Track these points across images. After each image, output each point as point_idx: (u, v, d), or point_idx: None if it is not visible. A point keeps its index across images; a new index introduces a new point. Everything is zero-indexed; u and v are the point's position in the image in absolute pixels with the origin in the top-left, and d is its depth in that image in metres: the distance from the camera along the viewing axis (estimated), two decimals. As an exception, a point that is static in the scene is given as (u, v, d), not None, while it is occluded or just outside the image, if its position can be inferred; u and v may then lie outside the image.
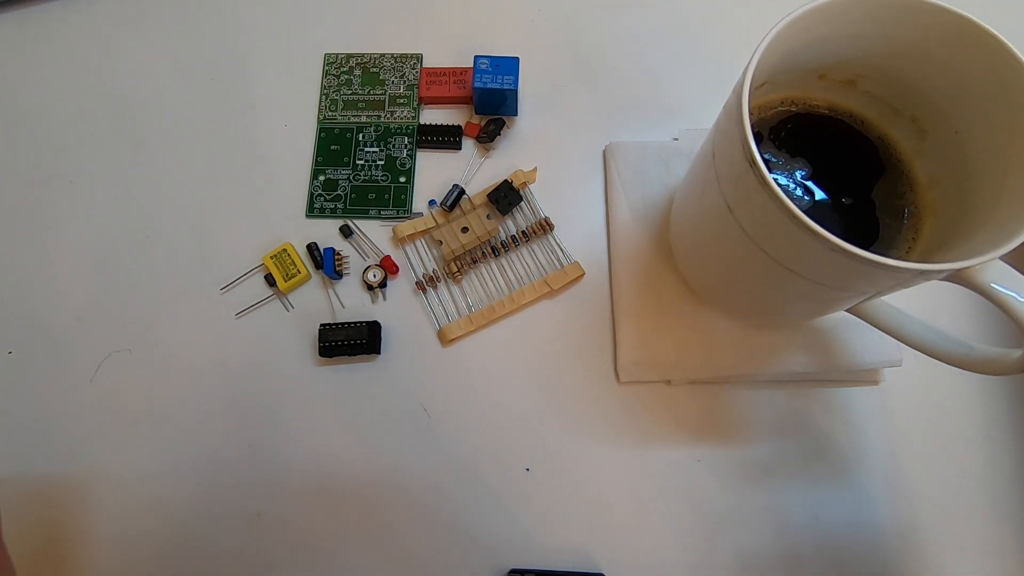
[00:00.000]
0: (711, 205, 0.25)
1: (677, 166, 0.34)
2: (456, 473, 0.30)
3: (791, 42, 0.23)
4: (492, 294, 0.33)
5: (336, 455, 0.31)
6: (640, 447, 0.31)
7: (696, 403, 0.31)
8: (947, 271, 0.20)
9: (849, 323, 0.29)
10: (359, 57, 0.37)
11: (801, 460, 0.31)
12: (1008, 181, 0.23)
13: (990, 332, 0.32)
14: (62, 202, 0.35)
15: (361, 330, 0.31)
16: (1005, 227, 0.21)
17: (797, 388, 0.32)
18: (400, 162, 0.35)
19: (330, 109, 0.36)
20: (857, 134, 0.28)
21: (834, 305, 0.27)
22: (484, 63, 0.34)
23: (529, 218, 0.34)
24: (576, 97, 0.37)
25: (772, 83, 0.27)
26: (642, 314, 0.31)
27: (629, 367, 0.31)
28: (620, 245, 0.33)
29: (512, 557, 0.29)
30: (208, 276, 0.33)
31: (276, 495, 0.30)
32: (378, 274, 0.33)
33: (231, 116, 0.36)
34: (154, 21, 0.39)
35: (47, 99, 0.37)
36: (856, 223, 0.27)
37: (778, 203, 0.20)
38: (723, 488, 0.30)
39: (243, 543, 0.29)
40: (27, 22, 0.38)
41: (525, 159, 0.35)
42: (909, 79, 0.26)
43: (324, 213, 0.34)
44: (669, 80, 0.37)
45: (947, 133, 0.26)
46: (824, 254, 0.20)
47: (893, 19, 0.23)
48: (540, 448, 0.31)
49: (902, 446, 0.31)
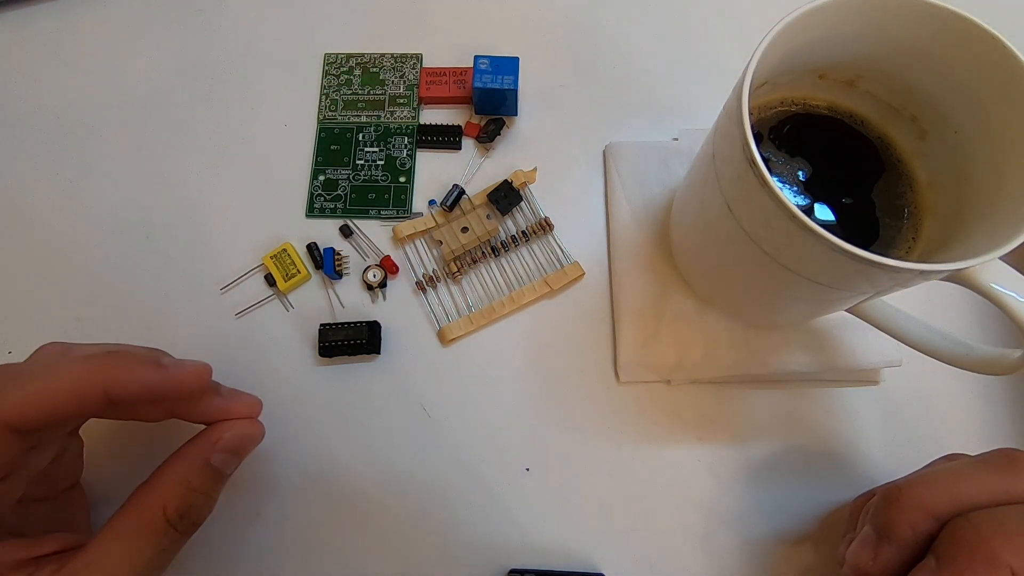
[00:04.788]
0: (711, 205, 0.25)
1: (677, 166, 0.34)
2: (456, 473, 0.30)
3: (791, 42, 0.23)
4: (492, 294, 0.33)
5: (336, 455, 0.31)
6: (640, 447, 0.31)
7: (696, 403, 0.31)
8: (947, 271, 0.20)
9: (849, 323, 0.29)
10: (359, 57, 0.37)
11: (801, 460, 0.31)
12: (1008, 181, 0.23)
13: (990, 332, 0.32)
14: (62, 202, 0.35)
15: (361, 330, 0.31)
16: (1005, 227, 0.21)
17: (797, 388, 0.32)
18: (400, 162, 0.35)
19: (330, 109, 0.36)
20: (857, 134, 0.28)
21: (834, 305, 0.27)
22: (484, 63, 0.34)
23: (529, 218, 0.34)
24: (576, 97, 0.37)
25: (772, 83, 0.27)
26: (642, 314, 0.31)
27: (629, 367, 0.31)
28: (620, 245, 0.33)
29: (512, 557, 0.29)
30: (208, 276, 0.33)
31: (276, 495, 0.30)
32: (378, 274, 0.33)
33: (231, 116, 0.36)
34: (154, 21, 0.38)
35: (47, 99, 0.37)
36: (856, 223, 0.27)
37: (778, 203, 0.20)
38: (723, 488, 0.30)
39: (243, 543, 0.29)
40: (27, 22, 0.38)
41: (525, 159, 0.35)
42: (909, 79, 0.26)
43: (324, 213, 0.34)
44: (669, 80, 0.37)
45: (947, 133, 0.26)
46: (824, 254, 0.20)
47: (893, 19, 0.23)
48: (540, 448, 0.31)
49: (902, 446, 0.31)
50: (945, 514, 0.20)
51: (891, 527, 0.21)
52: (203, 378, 0.24)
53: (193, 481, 0.23)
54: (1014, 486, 0.20)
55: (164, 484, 0.23)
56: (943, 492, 0.21)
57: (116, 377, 0.21)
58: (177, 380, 0.23)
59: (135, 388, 0.22)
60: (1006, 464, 0.21)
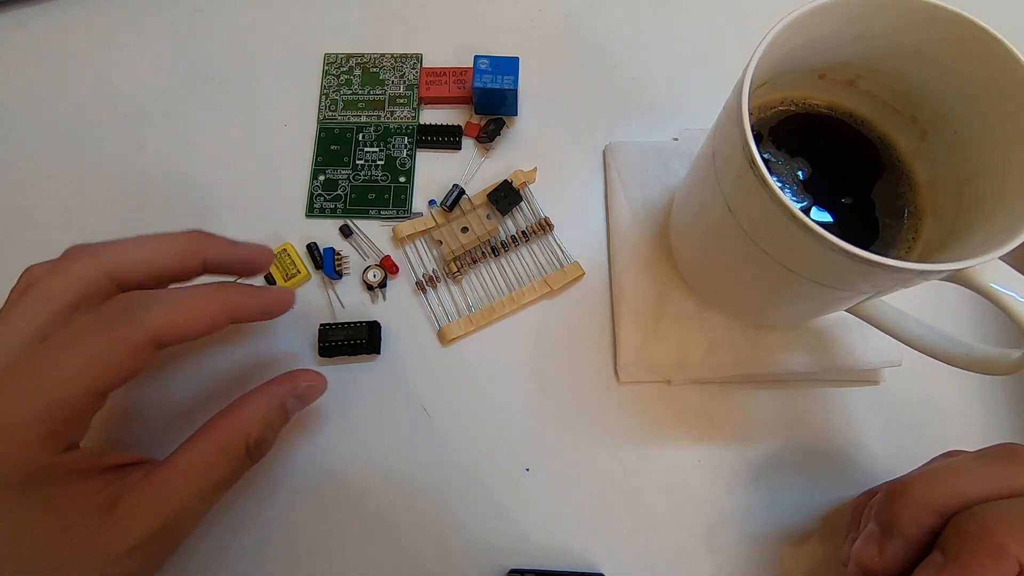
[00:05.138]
0: (711, 205, 0.25)
1: (677, 166, 0.34)
2: (456, 473, 0.30)
3: (791, 42, 0.23)
4: (492, 294, 0.33)
5: (335, 455, 0.31)
6: (640, 447, 0.31)
7: (696, 403, 0.31)
8: (947, 271, 0.20)
9: (849, 323, 0.29)
10: (359, 57, 0.37)
11: (801, 460, 0.31)
12: (1008, 181, 0.23)
13: (990, 332, 0.32)
14: (62, 202, 0.35)
15: (361, 330, 0.31)
16: (1005, 227, 0.21)
17: (797, 388, 0.32)
18: (400, 162, 0.35)
19: (330, 109, 0.36)
20: (857, 134, 0.28)
21: (834, 305, 0.27)
22: (484, 63, 0.34)
23: (529, 218, 0.34)
24: (576, 97, 0.37)
25: (772, 83, 0.27)
26: (642, 314, 0.31)
27: (629, 367, 0.31)
28: (620, 245, 0.33)
29: (512, 557, 0.29)
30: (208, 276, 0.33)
31: (276, 494, 0.30)
32: (378, 274, 0.33)
33: (231, 116, 0.36)
34: (154, 21, 0.39)
35: (47, 99, 0.37)
36: (856, 223, 0.27)
37: (778, 203, 0.20)
38: (723, 488, 0.30)
39: (242, 543, 0.29)
40: (27, 22, 0.38)
41: (525, 159, 0.35)
42: (909, 79, 0.26)
43: (324, 213, 0.34)
44: (669, 80, 0.37)
45: (947, 133, 0.26)
46: (824, 254, 0.20)
47: (893, 19, 0.23)
48: (540, 448, 0.31)
49: (902, 446, 0.31)
50: (949, 509, 0.21)
51: (895, 523, 0.21)
52: (290, 301, 0.29)
53: (269, 417, 0.26)
54: (1016, 479, 0.21)
55: (248, 414, 0.25)
56: (947, 487, 0.21)
57: (238, 301, 0.25)
58: (278, 304, 0.28)
59: (253, 311, 0.26)
60: (1008, 458, 0.21)
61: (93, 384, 0.22)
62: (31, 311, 0.23)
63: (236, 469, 0.25)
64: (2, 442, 0.21)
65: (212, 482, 0.24)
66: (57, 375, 0.21)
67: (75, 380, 0.21)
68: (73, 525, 0.21)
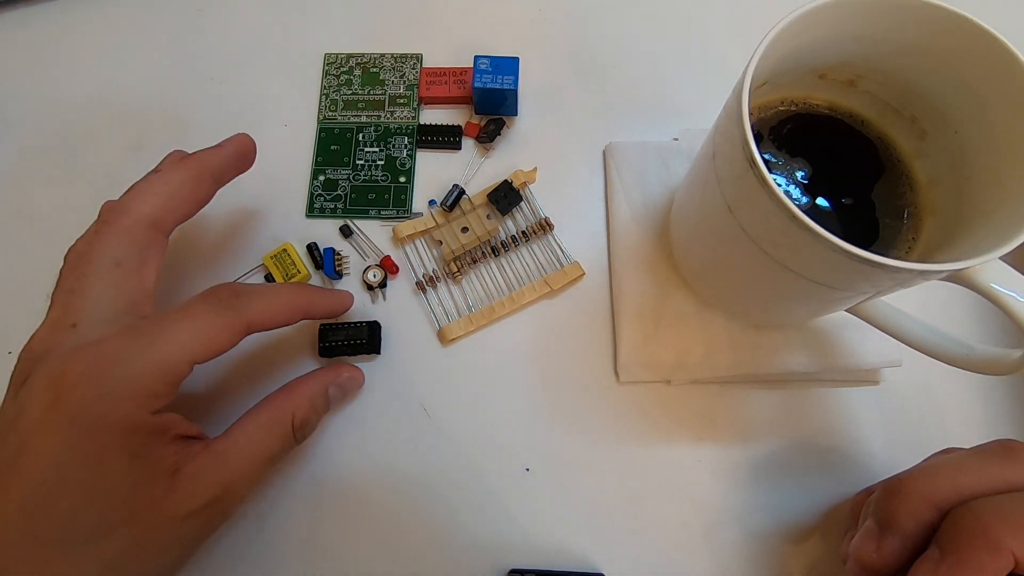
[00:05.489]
0: (711, 205, 0.25)
1: (677, 166, 0.34)
2: (456, 473, 0.30)
3: (791, 42, 0.23)
4: (492, 294, 0.33)
5: (336, 454, 0.31)
6: (640, 447, 0.31)
7: (696, 403, 0.31)
8: (947, 271, 0.20)
9: (849, 323, 0.29)
10: (359, 57, 0.37)
11: (801, 460, 0.31)
12: (1008, 181, 0.23)
13: (990, 332, 0.32)
14: (62, 202, 0.35)
15: (361, 330, 0.31)
16: (1005, 227, 0.21)
17: (797, 388, 0.32)
18: (400, 162, 0.35)
19: (330, 109, 0.36)
20: (857, 134, 0.28)
21: (834, 305, 0.27)
22: (484, 63, 0.34)
23: (529, 218, 0.34)
24: (576, 97, 0.37)
25: (772, 83, 0.27)
26: (642, 314, 0.31)
27: (629, 367, 0.31)
28: (620, 245, 0.33)
29: (512, 557, 0.29)
30: (208, 276, 0.33)
31: (275, 495, 0.30)
32: (378, 274, 0.33)
33: (231, 116, 0.36)
34: (154, 21, 0.38)
35: (47, 99, 0.37)
36: (856, 223, 0.27)
37: (778, 203, 0.20)
38: (723, 488, 0.30)
39: (243, 542, 0.29)
40: (27, 22, 0.38)
41: (525, 159, 0.35)
42: (909, 79, 0.26)
43: (324, 213, 0.34)
44: (669, 80, 0.37)
45: (947, 133, 0.26)
46: (824, 254, 0.20)
47: (893, 19, 0.23)
48: (540, 448, 0.31)
49: (902, 446, 0.31)
50: (947, 504, 0.21)
51: (893, 518, 0.21)
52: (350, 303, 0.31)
53: (314, 400, 0.28)
54: (1013, 474, 0.21)
55: (296, 396, 0.28)
56: (944, 482, 0.21)
57: (314, 300, 0.28)
58: (343, 305, 0.31)
59: (325, 309, 0.29)
60: (1005, 454, 0.22)
61: (195, 355, 0.24)
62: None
63: (283, 446, 0.27)
64: (120, 393, 0.22)
65: (263, 457, 0.26)
66: (171, 342, 0.24)
67: (183, 348, 0.24)
68: (150, 483, 0.23)
